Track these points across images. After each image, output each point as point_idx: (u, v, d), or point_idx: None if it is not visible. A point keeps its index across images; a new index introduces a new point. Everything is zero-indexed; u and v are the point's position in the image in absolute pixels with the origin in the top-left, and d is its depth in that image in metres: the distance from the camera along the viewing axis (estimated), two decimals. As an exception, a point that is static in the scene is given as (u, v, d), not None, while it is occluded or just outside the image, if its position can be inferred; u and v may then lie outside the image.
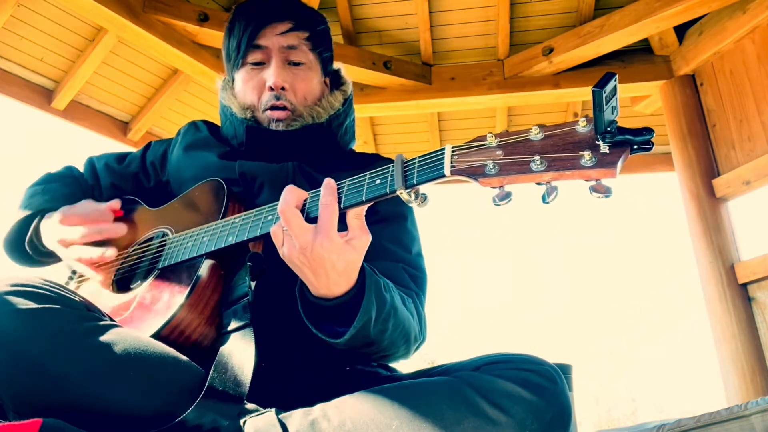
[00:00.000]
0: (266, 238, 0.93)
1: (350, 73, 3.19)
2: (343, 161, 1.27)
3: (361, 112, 3.50)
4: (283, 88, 1.21)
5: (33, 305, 0.78)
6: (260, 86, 1.23)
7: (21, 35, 2.99)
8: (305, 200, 0.90)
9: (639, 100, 3.39)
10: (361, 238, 0.86)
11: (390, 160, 1.31)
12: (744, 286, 2.66)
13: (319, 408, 0.81)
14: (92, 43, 3.14)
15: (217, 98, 1.33)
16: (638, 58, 3.16)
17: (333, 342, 0.90)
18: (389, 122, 3.95)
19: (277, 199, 1.14)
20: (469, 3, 3.16)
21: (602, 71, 3.15)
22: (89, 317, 0.83)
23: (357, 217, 0.86)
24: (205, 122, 1.36)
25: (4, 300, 0.77)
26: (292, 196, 0.87)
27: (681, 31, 3.04)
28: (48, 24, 3.01)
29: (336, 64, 1.37)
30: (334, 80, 1.35)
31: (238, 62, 1.25)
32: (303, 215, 0.87)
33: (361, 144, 3.96)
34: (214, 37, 2.97)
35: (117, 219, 1.26)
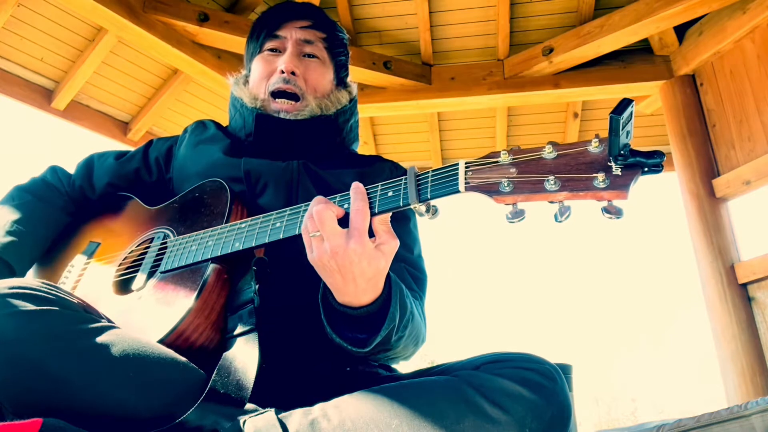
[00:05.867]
0: (271, 244, 0.94)
1: (350, 73, 3.20)
2: (347, 161, 1.27)
3: (361, 112, 3.49)
4: (293, 74, 1.24)
5: (32, 307, 0.78)
6: (272, 71, 1.26)
7: (21, 35, 2.99)
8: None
9: (639, 100, 3.39)
10: (389, 243, 0.86)
11: (393, 163, 1.32)
12: (744, 286, 2.66)
13: (319, 408, 0.81)
14: (92, 43, 3.14)
15: (217, 98, 1.35)
16: (638, 58, 3.16)
17: (355, 350, 0.90)
18: (389, 122, 3.95)
19: (280, 199, 1.14)
20: (469, 3, 3.16)
21: (602, 71, 3.15)
22: (87, 319, 0.83)
23: (383, 222, 0.87)
24: (213, 121, 1.36)
25: (2, 302, 0.77)
26: (324, 201, 0.86)
27: (681, 31, 3.04)
28: (48, 24, 3.01)
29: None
30: (341, 83, 1.37)
31: (257, 50, 1.30)
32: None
33: (362, 144, 3.95)
34: (214, 37, 2.97)
35: (112, 215, 1.26)
